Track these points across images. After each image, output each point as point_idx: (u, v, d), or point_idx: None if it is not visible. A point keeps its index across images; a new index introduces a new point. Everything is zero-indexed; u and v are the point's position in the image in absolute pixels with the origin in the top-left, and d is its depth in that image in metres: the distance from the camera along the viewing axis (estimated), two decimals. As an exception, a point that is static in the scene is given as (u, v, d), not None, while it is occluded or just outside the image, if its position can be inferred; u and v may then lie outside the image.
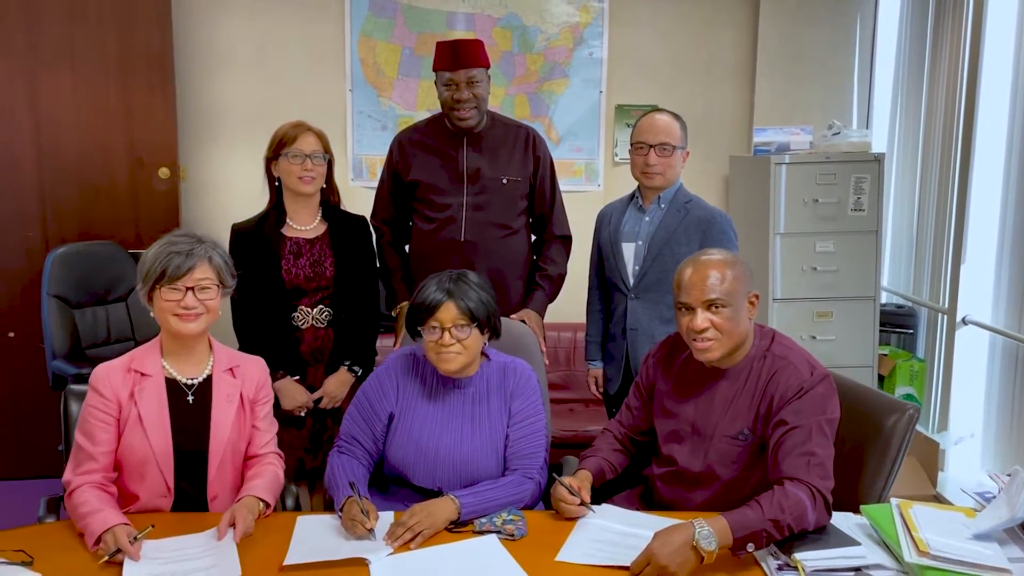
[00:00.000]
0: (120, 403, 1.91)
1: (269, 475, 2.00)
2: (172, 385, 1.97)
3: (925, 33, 3.85)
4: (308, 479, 2.68)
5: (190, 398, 1.98)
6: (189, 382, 1.99)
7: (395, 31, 4.27)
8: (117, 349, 3.64)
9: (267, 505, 1.93)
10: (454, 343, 1.99)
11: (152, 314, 1.96)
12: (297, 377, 2.59)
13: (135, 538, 1.72)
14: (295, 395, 2.56)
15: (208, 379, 2.01)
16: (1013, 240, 3.28)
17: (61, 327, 3.49)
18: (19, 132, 3.81)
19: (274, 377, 2.49)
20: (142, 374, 1.95)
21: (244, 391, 2.03)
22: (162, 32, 3.86)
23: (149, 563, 1.70)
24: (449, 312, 1.98)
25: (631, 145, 2.68)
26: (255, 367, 2.08)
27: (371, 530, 1.79)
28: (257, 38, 4.24)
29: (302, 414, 2.59)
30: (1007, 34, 3.33)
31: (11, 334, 3.87)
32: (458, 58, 2.67)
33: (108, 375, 1.93)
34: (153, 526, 1.78)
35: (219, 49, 4.22)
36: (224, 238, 2.30)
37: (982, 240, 3.50)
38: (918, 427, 3.60)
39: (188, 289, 1.90)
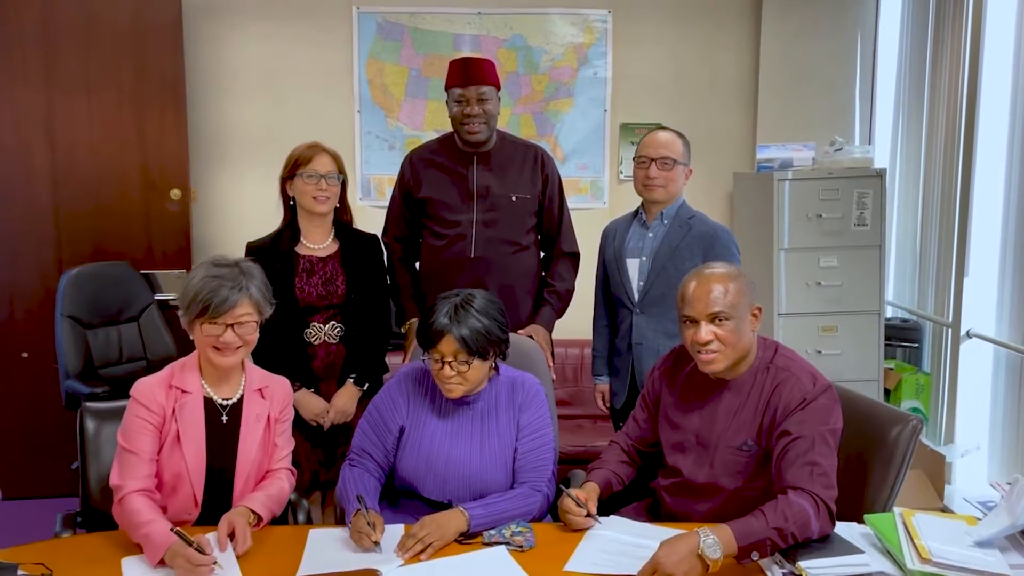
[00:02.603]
0: (164, 416, 1.96)
1: (273, 489, 2.04)
2: (209, 404, 2.02)
3: (925, 49, 3.89)
4: (322, 489, 2.71)
5: (224, 418, 2.03)
6: (224, 402, 2.04)
7: (402, 53, 4.34)
8: (129, 368, 3.68)
9: (259, 519, 1.95)
10: (454, 375, 2.02)
11: (192, 338, 2.01)
12: (312, 390, 2.62)
13: (195, 547, 1.71)
14: (312, 405, 2.60)
15: (240, 399, 2.06)
16: (1016, 253, 3.30)
17: (74, 347, 3.53)
18: (35, 155, 3.88)
19: None
20: (183, 391, 1.99)
21: (271, 411, 2.08)
22: (174, 58, 3.94)
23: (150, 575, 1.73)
24: (450, 346, 2.00)
25: (634, 160, 2.72)
26: (282, 388, 2.13)
27: (377, 543, 1.82)
28: (266, 62, 4.31)
29: (322, 421, 2.62)
30: (1006, 49, 3.36)
31: (25, 354, 3.92)
32: (469, 75, 2.73)
33: (152, 389, 1.97)
34: (175, 528, 1.78)
35: (229, 73, 4.30)
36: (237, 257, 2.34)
37: (985, 253, 3.52)
38: (925, 440, 3.64)
39: (228, 326, 1.95)
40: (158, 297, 3.88)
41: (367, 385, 2.65)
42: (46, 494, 3.84)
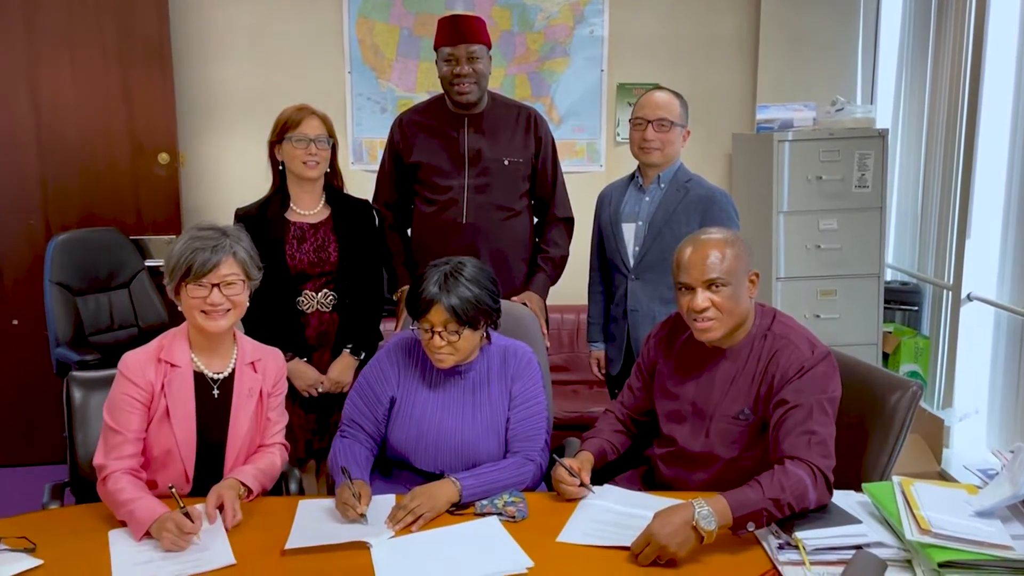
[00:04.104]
0: (153, 392, 1.92)
1: (264, 463, 2.01)
2: (199, 379, 1.97)
3: (929, 7, 3.80)
4: (316, 458, 2.70)
5: (215, 392, 1.98)
6: (215, 376, 1.99)
7: (393, 11, 4.23)
8: (120, 335, 3.65)
9: (249, 491, 1.93)
10: (445, 344, 1.97)
11: (180, 308, 1.96)
12: (305, 359, 2.59)
13: (185, 513, 1.71)
14: (306, 375, 2.56)
15: (232, 373, 2.01)
16: (1018, 215, 3.25)
17: (64, 314, 3.49)
18: (19, 119, 3.81)
19: None
20: (172, 365, 1.94)
21: (264, 386, 2.04)
22: (159, 17, 3.86)
23: (137, 551, 1.70)
24: (440, 315, 1.95)
25: (630, 122, 2.66)
26: (274, 361, 2.08)
27: (363, 515, 1.79)
28: (254, 21, 4.21)
29: (317, 391, 2.58)
30: (1012, 8, 3.28)
31: (15, 321, 3.89)
32: (459, 33, 2.66)
33: (139, 364, 1.92)
34: (172, 486, 1.77)
35: (216, 33, 4.20)
36: (227, 223, 2.29)
37: (987, 216, 3.47)
38: (923, 404, 3.62)
39: (214, 286, 1.90)
40: (148, 263, 3.84)
41: (363, 355, 2.61)
42: (38, 461, 3.83)
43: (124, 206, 3.93)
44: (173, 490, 1.75)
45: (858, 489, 1.86)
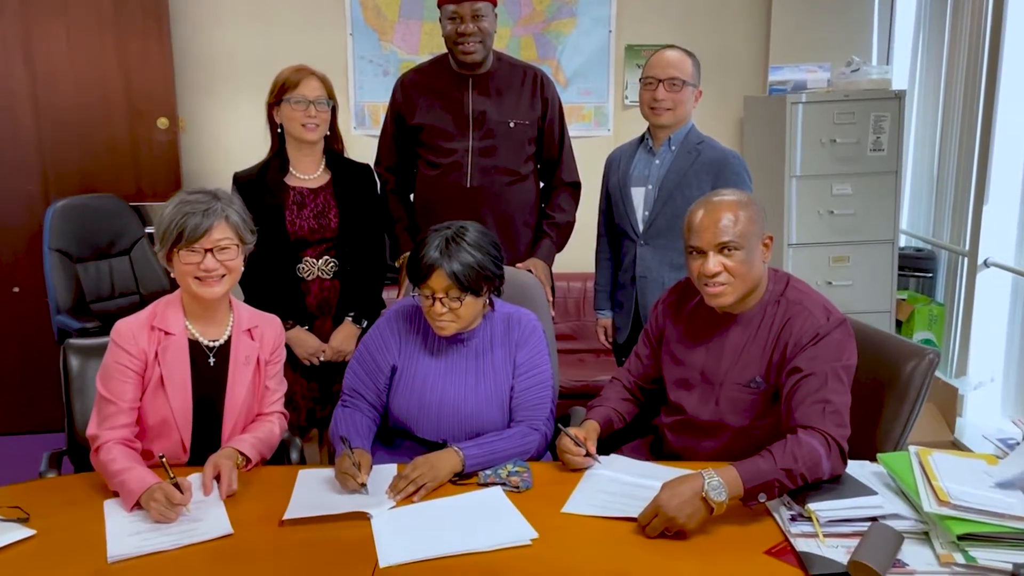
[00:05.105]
0: (146, 361, 1.88)
1: (263, 431, 1.97)
2: (194, 346, 1.93)
3: (950, -37, 3.69)
4: (319, 426, 2.67)
5: (211, 360, 1.94)
6: (211, 344, 1.95)
7: (396, -29, 4.13)
8: (122, 303, 3.62)
9: (247, 461, 1.89)
10: (446, 311, 1.92)
11: (173, 275, 1.91)
12: (306, 327, 2.55)
13: (175, 484, 1.68)
14: (307, 344, 2.53)
15: (228, 340, 1.97)
16: (1039, 179, 3.18)
17: (64, 281, 3.46)
18: (14, 85, 3.75)
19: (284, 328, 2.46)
20: (166, 332, 1.90)
21: (261, 353, 2.00)
22: (155, -22, 3.78)
23: (132, 522, 1.67)
24: (441, 281, 1.89)
25: (641, 81, 2.58)
26: (272, 328, 2.04)
27: (363, 484, 1.75)
28: (254, -19, 4.11)
29: (318, 360, 2.54)
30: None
31: (16, 289, 3.87)
32: None
33: (132, 332, 1.88)
34: (163, 455, 1.74)
35: (215, -6, 4.11)
36: (226, 189, 2.23)
37: (1006, 180, 3.40)
38: (936, 372, 3.55)
39: (207, 251, 1.85)
40: (149, 230, 3.79)
41: (365, 323, 2.56)
42: (39, 429, 3.82)
43: (123, 172, 3.87)
44: (163, 460, 1.71)
45: (873, 459, 1.82)
